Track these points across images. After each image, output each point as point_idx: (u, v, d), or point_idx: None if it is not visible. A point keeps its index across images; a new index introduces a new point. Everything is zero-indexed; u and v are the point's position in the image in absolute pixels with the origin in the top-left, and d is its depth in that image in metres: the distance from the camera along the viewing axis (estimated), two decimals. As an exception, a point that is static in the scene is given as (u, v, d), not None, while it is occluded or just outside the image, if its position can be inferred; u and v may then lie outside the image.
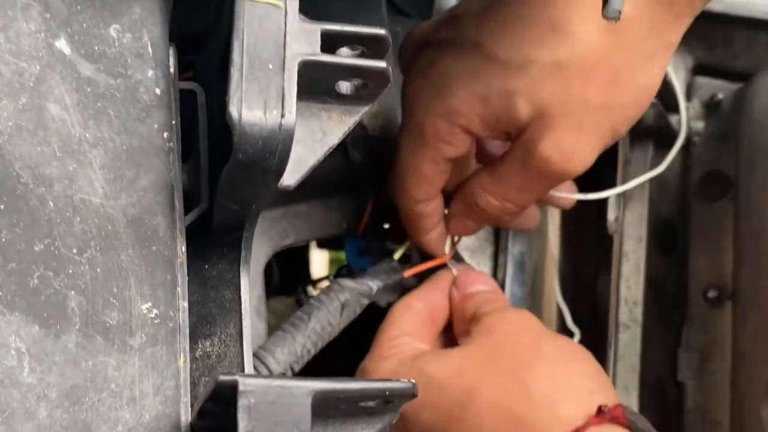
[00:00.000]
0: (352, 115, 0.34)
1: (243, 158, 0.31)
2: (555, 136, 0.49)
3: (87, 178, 0.33)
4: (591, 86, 0.49)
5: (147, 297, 0.33)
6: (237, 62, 0.31)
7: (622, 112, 0.50)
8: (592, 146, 0.50)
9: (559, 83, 0.49)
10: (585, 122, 0.49)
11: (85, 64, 0.34)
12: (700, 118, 0.65)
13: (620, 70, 0.49)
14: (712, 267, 0.59)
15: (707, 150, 0.63)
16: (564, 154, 0.49)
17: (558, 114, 0.49)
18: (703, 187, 0.62)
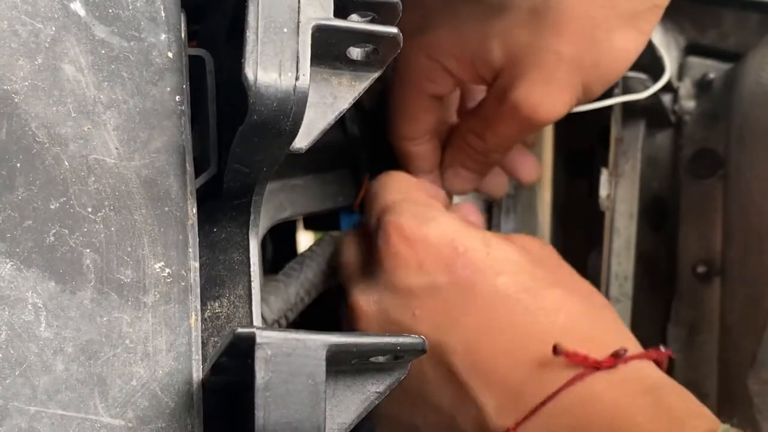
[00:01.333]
0: (362, 80, 0.35)
1: (257, 119, 0.31)
2: (525, 86, 0.50)
3: (101, 138, 0.34)
4: (564, 39, 0.48)
5: (160, 256, 0.34)
6: (252, 25, 0.31)
7: (595, 71, 0.49)
8: (564, 99, 0.50)
9: (533, 32, 0.49)
10: (555, 75, 0.49)
11: (99, 26, 0.34)
12: (691, 97, 0.66)
13: (597, 26, 0.48)
14: (702, 243, 0.60)
15: (698, 129, 0.64)
16: (533, 104, 0.50)
17: (529, 64, 0.50)
18: (693, 165, 0.63)
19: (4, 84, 0.33)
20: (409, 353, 0.30)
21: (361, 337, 0.29)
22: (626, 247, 0.62)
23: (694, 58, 0.67)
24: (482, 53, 0.51)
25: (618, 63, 0.49)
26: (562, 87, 0.49)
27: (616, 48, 0.48)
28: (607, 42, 0.48)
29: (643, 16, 0.48)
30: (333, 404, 0.31)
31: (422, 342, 0.30)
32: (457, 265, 0.48)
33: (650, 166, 0.64)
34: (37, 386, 0.30)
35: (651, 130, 0.65)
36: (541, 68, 0.49)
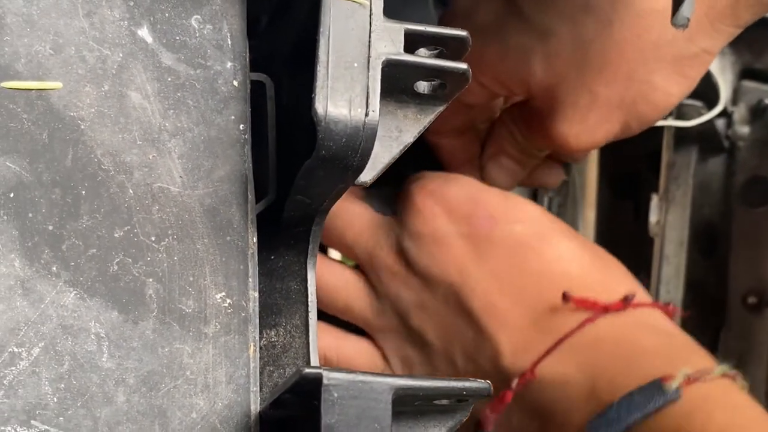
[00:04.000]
0: (427, 114, 0.35)
1: (326, 154, 0.31)
2: (559, 119, 0.50)
3: (166, 166, 0.34)
4: (603, 78, 0.48)
5: (221, 286, 0.33)
6: (323, 60, 0.31)
7: (634, 110, 0.49)
8: (597, 136, 0.51)
9: (573, 64, 0.49)
10: (589, 114, 0.50)
11: (166, 54, 0.34)
12: (745, 122, 0.65)
13: (638, 67, 0.48)
14: (753, 273, 0.60)
15: (752, 155, 0.63)
16: (566, 137, 0.51)
17: (565, 100, 0.50)
18: (745, 193, 0.62)
19: (71, 110, 0.33)
20: (474, 397, 0.30)
21: (428, 381, 0.29)
22: (675, 274, 0.61)
23: (749, 82, 0.66)
24: (521, 75, 0.51)
25: (657, 106, 0.49)
26: (596, 125, 0.50)
27: (657, 90, 0.49)
28: (647, 84, 0.48)
29: (688, 62, 0.48)
30: (394, 446, 0.30)
31: (488, 387, 0.30)
32: (477, 214, 0.51)
33: (701, 192, 0.63)
34: (98, 418, 0.30)
35: (703, 156, 0.64)
36: (576, 107, 0.49)
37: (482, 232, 0.50)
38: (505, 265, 0.50)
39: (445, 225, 0.50)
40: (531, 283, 0.49)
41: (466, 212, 0.51)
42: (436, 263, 0.50)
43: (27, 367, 0.30)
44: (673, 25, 0.41)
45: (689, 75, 0.48)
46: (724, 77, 0.66)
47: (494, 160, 0.56)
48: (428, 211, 0.51)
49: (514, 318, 0.49)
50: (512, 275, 0.49)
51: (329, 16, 0.32)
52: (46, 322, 0.31)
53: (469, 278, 0.50)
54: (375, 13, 0.32)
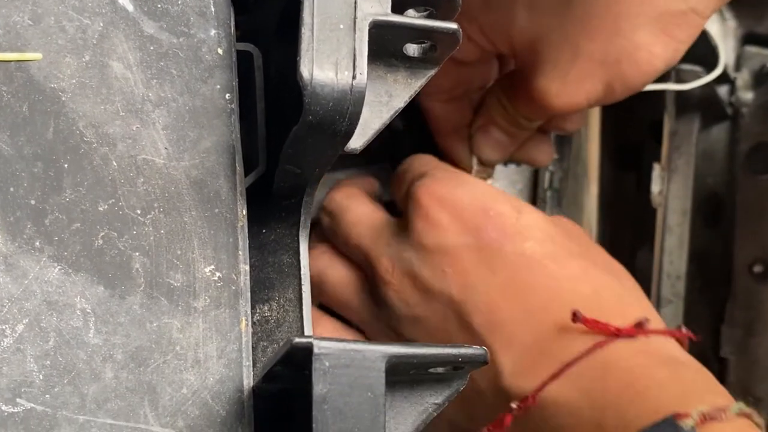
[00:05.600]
0: (418, 78, 0.34)
1: (313, 120, 0.30)
2: (541, 76, 0.49)
3: (150, 138, 0.33)
4: (585, 32, 0.47)
5: (210, 259, 0.33)
6: (308, 22, 0.30)
7: (617, 69, 0.47)
8: (580, 94, 0.49)
9: (556, 16, 0.47)
10: (571, 70, 0.48)
11: (148, 22, 0.33)
12: (749, 88, 0.64)
13: (622, 22, 0.46)
14: (758, 241, 0.58)
15: (756, 122, 0.62)
16: (549, 94, 0.49)
17: (547, 54, 0.48)
18: (750, 160, 0.61)
19: (51, 82, 0.32)
20: (470, 364, 0.29)
21: (422, 348, 0.28)
22: (679, 245, 0.60)
23: (752, 47, 0.65)
24: (505, 26, 0.49)
25: (641, 66, 0.47)
26: (577, 82, 0.48)
27: (641, 49, 0.46)
28: (631, 41, 0.46)
29: (675, 21, 0.46)
30: (390, 416, 0.30)
31: (484, 353, 0.29)
32: (487, 227, 0.48)
33: (705, 160, 0.62)
34: (86, 395, 0.30)
35: (706, 124, 0.63)
36: (557, 62, 0.48)
37: (493, 246, 0.47)
38: (513, 282, 0.47)
39: (454, 236, 0.48)
40: (539, 301, 0.46)
41: (477, 224, 0.48)
42: (439, 276, 0.47)
43: (11, 345, 0.29)
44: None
45: (676, 35, 0.46)
46: (725, 43, 0.65)
47: (483, 130, 0.55)
48: (436, 221, 0.48)
49: (519, 336, 0.46)
50: (520, 292, 0.47)
51: (313, -23, 0.31)
52: (30, 298, 0.30)
53: (473, 293, 0.47)
54: (360, -27, 0.31)
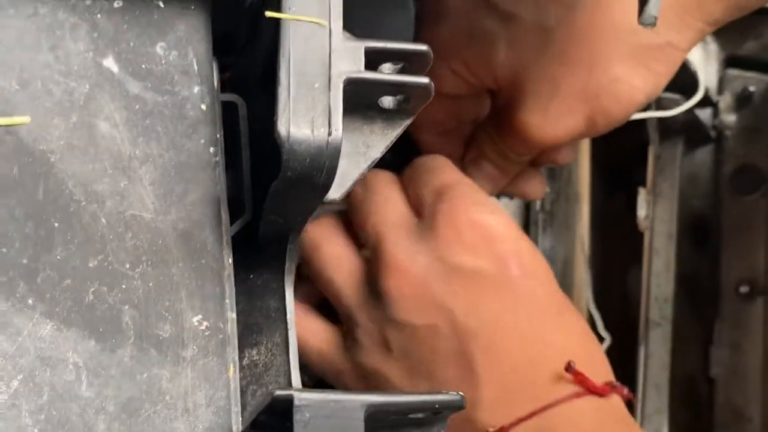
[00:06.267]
0: (394, 128, 0.35)
1: (291, 175, 0.31)
2: (523, 110, 0.50)
3: (138, 194, 0.34)
4: (564, 67, 0.48)
5: (197, 309, 0.34)
6: (284, 82, 0.32)
7: (597, 103, 0.48)
8: (561, 128, 0.49)
9: (536, 51, 0.48)
10: (551, 105, 0.49)
11: (132, 82, 0.35)
12: (731, 111, 0.65)
13: (600, 57, 0.47)
14: (745, 262, 0.59)
15: (739, 144, 0.63)
16: (531, 128, 0.50)
17: (528, 89, 0.49)
18: (735, 182, 0.62)
19: (40, 144, 0.33)
20: (448, 409, 0.30)
21: (401, 397, 0.29)
22: (666, 268, 0.61)
23: (734, 70, 0.66)
24: (487, 61, 0.50)
25: (621, 99, 0.48)
26: (558, 116, 0.49)
27: (620, 82, 0.47)
28: (610, 75, 0.47)
29: (653, 54, 0.47)
30: (372, 460, 0.31)
31: (461, 399, 0.30)
32: (510, 263, 0.49)
33: (690, 183, 0.63)
34: (79, 447, 0.31)
35: (690, 147, 0.64)
36: (538, 96, 0.49)
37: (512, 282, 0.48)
38: (518, 321, 0.48)
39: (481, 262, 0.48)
40: (537, 346, 0.48)
41: (505, 258, 0.48)
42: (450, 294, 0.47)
43: (6, 400, 0.30)
44: (641, 24, 0.41)
45: (654, 68, 0.47)
46: (707, 66, 0.66)
47: (474, 164, 0.56)
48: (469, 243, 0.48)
49: (508, 374, 0.47)
50: (522, 333, 0.48)
51: (289, 38, 0.32)
52: (24, 354, 0.31)
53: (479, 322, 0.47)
54: (334, 33, 0.33)
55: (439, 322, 0.48)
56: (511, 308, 0.48)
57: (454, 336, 0.48)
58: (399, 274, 0.48)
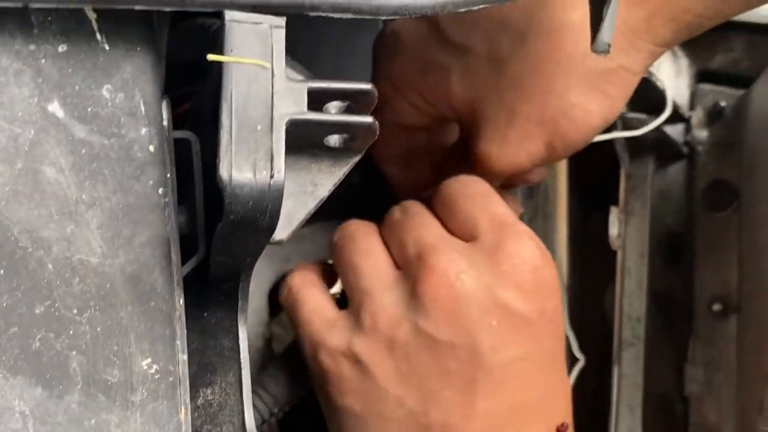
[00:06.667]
0: (341, 166, 0.35)
1: (234, 218, 0.31)
2: (481, 139, 0.50)
3: (85, 238, 0.34)
4: (519, 94, 0.48)
5: (147, 353, 0.34)
6: (226, 125, 0.32)
7: (555, 129, 0.48)
8: (521, 155, 0.50)
9: (490, 81, 0.49)
10: (509, 132, 0.49)
11: (78, 126, 0.34)
12: (703, 126, 0.65)
13: (554, 83, 0.47)
14: (717, 279, 0.59)
15: (711, 159, 0.63)
16: (491, 157, 0.50)
17: (485, 118, 0.49)
18: (707, 198, 0.62)
19: (-14, 190, 0.33)
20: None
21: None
22: (638, 287, 0.61)
23: (705, 85, 0.66)
24: (443, 93, 0.50)
25: (577, 124, 0.48)
26: (517, 144, 0.49)
27: (575, 107, 0.47)
28: (565, 100, 0.47)
29: (606, 78, 0.47)
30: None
31: None
32: (551, 317, 0.48)
33: (663, 200, 0.63)
34: (25, 497, 0.31)
35: (663, 164, 0.64)
36: (496, 125, 0.49)
37: (545, 330, 0.48)
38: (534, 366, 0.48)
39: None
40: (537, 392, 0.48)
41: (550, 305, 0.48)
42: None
43: (-49, 452, 0.30)
44: (594, 52, 0.41)
45: (608, 92, 0.47)
46: (679, 81, 0.66)
47: None
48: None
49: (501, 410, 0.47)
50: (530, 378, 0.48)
51: (231, 81, 0.32)
52: (-31, 404, 0.31)
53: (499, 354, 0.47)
54: (277, 74, 0.33)
55: (462, 344, 0.47)
56: (532, 356, 0.48)
57: (469, 362, 0.47)
58: (441, 283, 0.47)
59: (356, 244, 0.50)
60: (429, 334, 0.46)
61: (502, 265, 0.47)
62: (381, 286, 0.48)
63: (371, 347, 0.47)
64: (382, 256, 0.49)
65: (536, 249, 0.48)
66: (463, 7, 0.36)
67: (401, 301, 0.47)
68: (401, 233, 0.49)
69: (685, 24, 0.46)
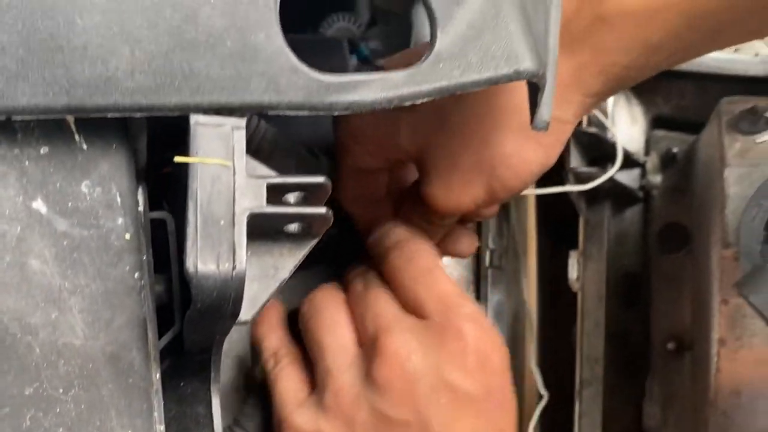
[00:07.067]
0: (301, 248, 0.39)
1: (201, 307, 0.35)
2: (427, 183, 0.53)
3: (68, 323, 0.37)
4: (460, 142, 0.51)
5: (127, 426, 0.37)
6: (192, 221, 0.35)
7: (494, 175, 0.51)
8: (465, 199, 0.53)
9: (435, 131, 0.52)
10: (452, 179, 0.52)
11: (60, 220, 0.38)
12: (657, 171, 0.68)
13: (491, 132, 0.50)
14: (672, 319, 0.63)
15: (665, 203, 0.67)
16: (437, 200, 0.53)
17: (430, 163, 0.53)
18: (662, 240, 0.66)
19: (-22, 283, 0.36)
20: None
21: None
22: (596, 328, 0.64)
23: (659, 131, 0.70)
24: (394, 142, 0.54)
25: (516, 171, 0.51)
26: (459, 188, 0.52)
27: (512, 156, 0.50)
28: (501, 149, 0.50)
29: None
30: None
31: None
32: (498, 395, 0.51)
33: (620, 243, 0.67)
34: None
35: (619, 208, 0.67)
36: (439, 170, 0.52)
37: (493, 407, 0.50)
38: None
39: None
40: None
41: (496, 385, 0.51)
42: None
43: None
44: (534, 128, 0.44)
45: (543, 142, 0.50)
46: (633, 127, 0.70)
47: None
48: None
49: None
50: None
51: (197, 180, 0.36)
52: (-34, 482, 0.34)
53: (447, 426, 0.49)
54: (238, 171, 0.36)
55: (414, 422, 0.50)
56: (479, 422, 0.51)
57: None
58: (393, 364, 0.50)
59: (321, 318, 0.53)
60: (385, 414, 0.49)
61: (449, 346, 0.50)
62: (342, 365, 0.51)
63: (334, 426, 0.50)
64: (345, 331, 0.52)
65: (481, 330, 0.51)
66: (408, 101, 0.39)
67: (360, 381, 0.50)
68: (361, 308, 0.53)
69: (613, 76, 0.49)
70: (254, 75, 0.37)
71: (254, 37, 0.37)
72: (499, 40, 0.40)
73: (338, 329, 0.52)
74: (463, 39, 0.40)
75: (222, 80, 0.36)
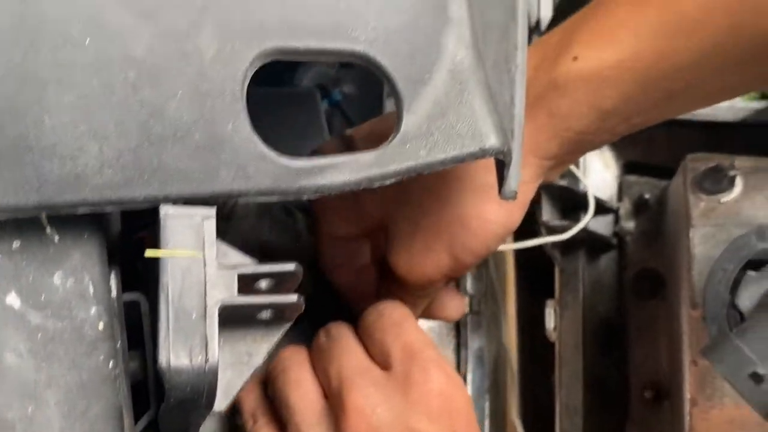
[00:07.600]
0: (274, 334, 0.39)
1: (174, 401, 0.35)
2: (392, 253, 0.54)
3: (45, 416, 0.37)
4: (419, 209, 0.52)
5: None
6: (163, 315, 0.35)
7: (457, 239, 0.51)
8: (429, 268, 0.53)
9: (397, 201, 0.53)
10: (414, 246, 0.52)
11: (33, 313, 0.38)
12: (630, 217, 0.69)
13: (451, 198, 0.51)
14: (649, 366, 0.63)
15: (639, 249, 0.67)
16: (401, 269, 0.53)
17: (393, 233, 0.53)
18: (636, 286, 0.66)
19: (-48, 380, 0.37)
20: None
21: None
22: (574, 377, 0.65)
23: (631, 177, 0.71)
24: (360, 214, 0.55)
25: (477, 233, 0.51)
26: (421, 255, 0.53)
27: (472, 218, 0.51)
28: (460, 212, 0.51)
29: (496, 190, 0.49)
30: None
31: None
32: None
33: (595, 291, 0.67)
34: None
35: (593, 256, 0.68)
36: (401, 237, 0.53)
37: None
38: None
39: None
40: None
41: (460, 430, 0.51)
42: None
43: None
44: (502, 198, 0.45)
45: (505, 203, 0.49)
46: (606, 173, 0.71)
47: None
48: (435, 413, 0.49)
49: None
50: None
51: (167, 273, 0.36)
52: None
53: None
54: (209, 262, 0.36)
55: None
56: None
57: None
58: (358, 420, 0.49)
59: (286, 377, 0.53)
60: None
61: (412, 394, 0.50)
62: (309, 421, 0.51)
63: None
64: (311, 387, 0.52)
65: (442, 375, 0.51)
66: (377, 183, 0.40)
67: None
68: (325, 362, 0.52)
69: (567, 140, 0.49)
70: (222, 165, 0.37)
71: (221, 128, 0.37)
72: (464, 118, 0.41)
73: (303, 386, 0.52)
74: (428, 118, 0.41)
75: (191, 172, 0.37)
